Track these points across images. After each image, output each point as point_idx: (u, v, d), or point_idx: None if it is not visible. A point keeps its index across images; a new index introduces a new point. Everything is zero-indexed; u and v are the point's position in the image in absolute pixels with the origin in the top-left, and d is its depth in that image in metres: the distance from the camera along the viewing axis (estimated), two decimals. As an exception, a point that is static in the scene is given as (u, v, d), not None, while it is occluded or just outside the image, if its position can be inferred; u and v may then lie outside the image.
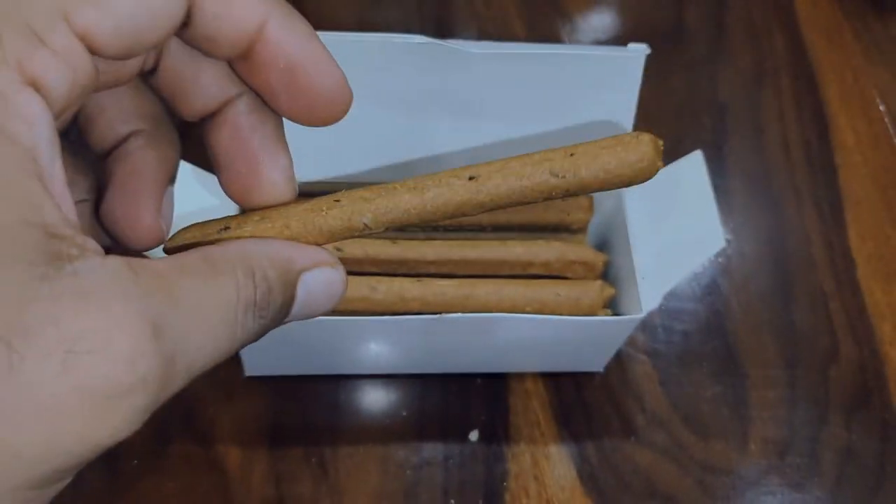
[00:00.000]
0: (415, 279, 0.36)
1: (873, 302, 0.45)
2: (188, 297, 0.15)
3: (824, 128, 0.51)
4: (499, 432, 0.39)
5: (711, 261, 0.45)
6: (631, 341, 0.42)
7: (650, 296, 0.34)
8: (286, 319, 0.18)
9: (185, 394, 0.41)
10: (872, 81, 0.53)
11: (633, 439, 0.39)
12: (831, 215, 0.48)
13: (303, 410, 0.39)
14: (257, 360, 0.38)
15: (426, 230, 0.38)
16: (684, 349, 0.42)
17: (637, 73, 0.35)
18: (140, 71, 0.18)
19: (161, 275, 0.14)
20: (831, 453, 0.40)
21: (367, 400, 0.40)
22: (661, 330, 0.43)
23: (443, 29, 0.53)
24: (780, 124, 0.51)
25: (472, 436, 0.39)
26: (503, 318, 0.34)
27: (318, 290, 0.18)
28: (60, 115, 0.15)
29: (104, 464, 0.37)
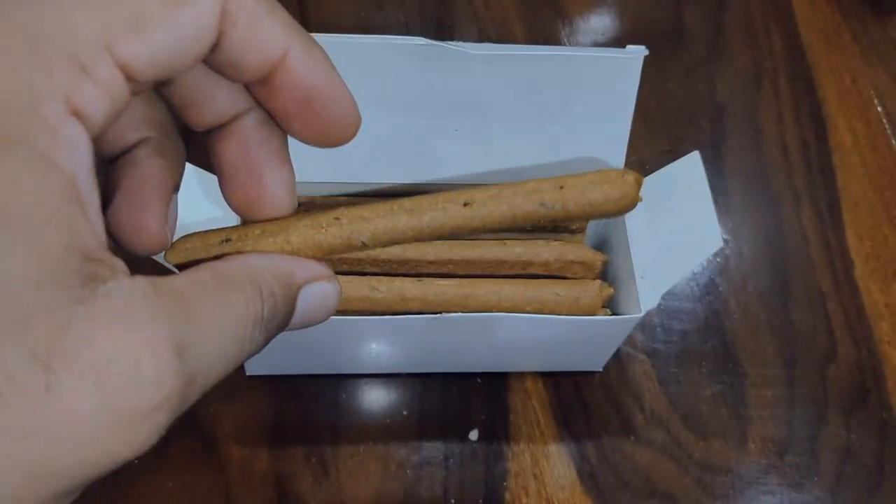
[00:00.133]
0: (415, 279, 0.36)
1: (871, 302, 0.45)
2: (204, 316, 0.15)
3: (822, 129, 0.51)
4: (499, 431, 0.39)
5: (710, 261, 0.46)
6: (630, 341, 0.42)
7: (649, 295, 0.35)
8: (284, 330, 0.19)
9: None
10: (870, 83, 0.53)
11: (632, 438, 0.40)
12: (829, 216, 0.48)
13: (303, 410, 0.39)
14: (258, 360, 0.38)
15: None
16: (683, 349, 0.42)
17: (635, 74, 0.35)
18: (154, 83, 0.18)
19: (180, 294, 0.15)
20: (830, 452, 0.40)
21: (368, 399, 0.40)
22: (660, 329, 0.43)
23: (443, 30, 0.54)
24: (779, 125, 0.51)
25: (472, 435, 0.39)
26: (503, 318, 0.34)
27: (315, 303, 0.19)
28: (97, 141, 0.15)
29: (106, 463, 0.37)
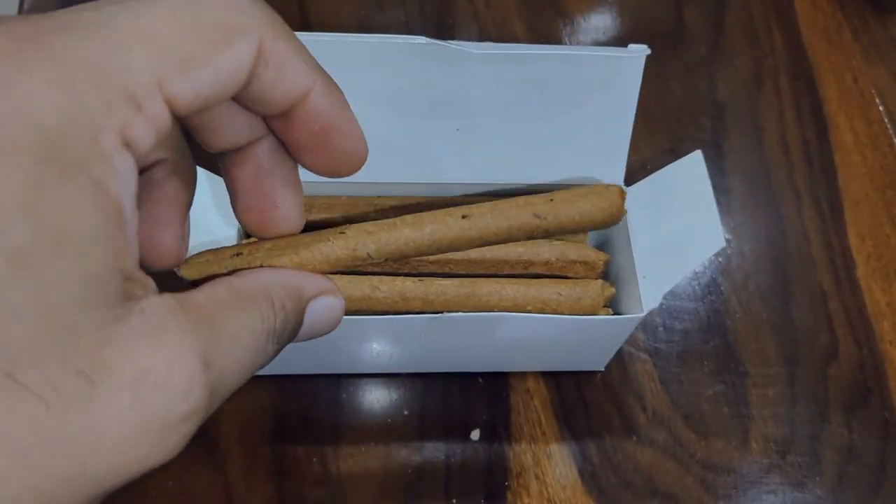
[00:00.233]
0: (416, 279, 0.36)
1: (872, 301, 0.45)
2: (226, 330, 0.17)
3: (823, 128, 0.51)
4: (500, 431, 0.39)
5: (711, 260, 0.45)
6: (632, 340, 0.42)
7: (650, 295, 0.35)
8: (291, 342, 0.20)
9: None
10: (872, 81, 0.53)
11: (634, 438, 0.40)
12: (831, 215, 0.48)
13: (304, 410, 0.39)
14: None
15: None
16: (685, 348, 0.42)
17: (637, 73, 0.35)
18: None
19: (202, 309, 0.16)
20: (832, 452, 0.40)
21: (369, 399, 0.40)
22: (661, 329, 0.43)
23: (444, 29, 0.53)
24: (780, 124, 0.51)
25: (474, 435, 0.39)
26: (504, 318, 0.34)
27: (321, 316, 0.20)
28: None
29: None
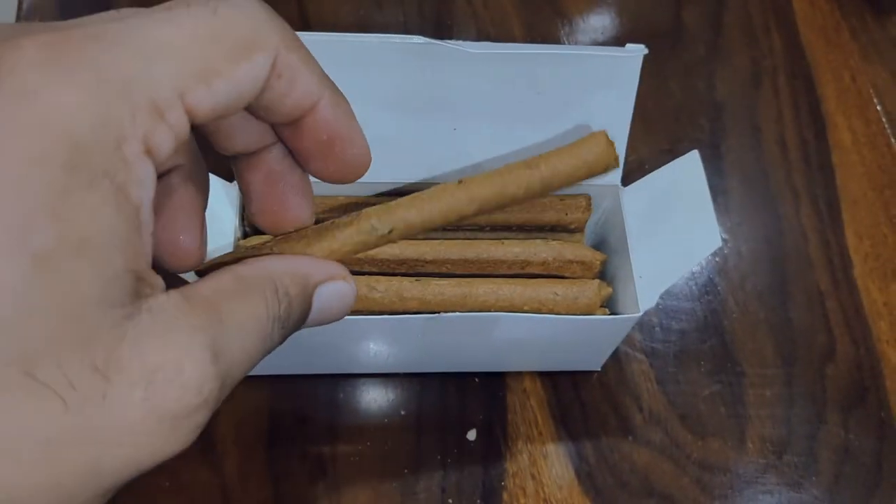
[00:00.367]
0: (413, 279, 0.36)
1: (870, 301, 0.45)
2: (232, 319, 0.17)
3: (821, 127, 0.51)
4: (497, 431, 0.39)
5: (709, 260, 0.45)
6: (628, 340, 0.42)
7: (647, 295, 0.35)
8: (301, 327, 0.20)
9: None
10: (870, 81, 0.53)
11: (630, 438, 0.40)
12: (828, 214, 0.48)
13: (301, 410, 0.39)
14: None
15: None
16: (681, 348, 0.42)
17: (635, 73, 0.35)
18: None
19: (209, 302, 0.17)
20: (829, 452, 0.40)
21: (366, 399, 0.40)
22: (658, 329, 0.43)
23: (442, 29, 0.53)
24: (778, 124, 0.51)
25: (470, 435, 0.39)
26: (501, 318, 0.34)
27: (331, 302, 0.20)
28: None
29: (103, 463, 0.37)
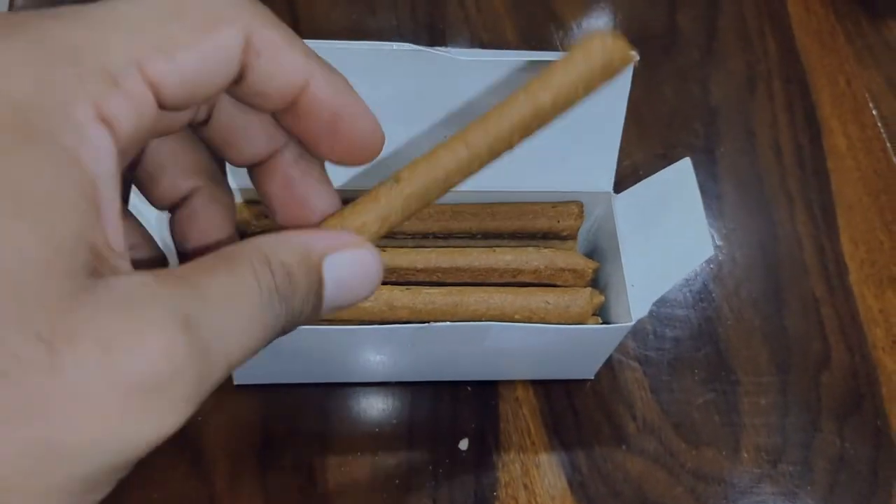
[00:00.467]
0: (404, 287, 0.36)
1: (865, 307, 0.44)
2: (213, 291, 0.15)
3: (816, 132, 0.51)
4: (489, 440, 0.39)
5: (703, 266, 0.45)
6: (622, 348, 0.42)
7: (639, 304, 0.34)
8: (326, 307, 0.18)
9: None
10: (865, 85, 0.53)
11: (623, 447, 0.39)
12: (823, 220, 0.47)
13: (292, 419, 0.39)
14: (246, 369, 0.37)
15: (415, 237, 0.38)
16: (675, 356, 0.42)
17: (626, 79, 0.35)
18: (192, 121, 0.19)
19: (184, 276, 0.16)
20: (824, 461, 0.40)
21: (357, 408, 0.40)
22: (652, 336, 0.43)
23: (435, 34, 0.53)
24: (773, 128, 0.51)
25: (462, 444, 0.39)
26: (492, 327, 0.34)
27: (348, 273, 0.19)
28: (122, 155, 0.16)
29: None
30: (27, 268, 0.13)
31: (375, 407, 0.40)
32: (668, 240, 0.35)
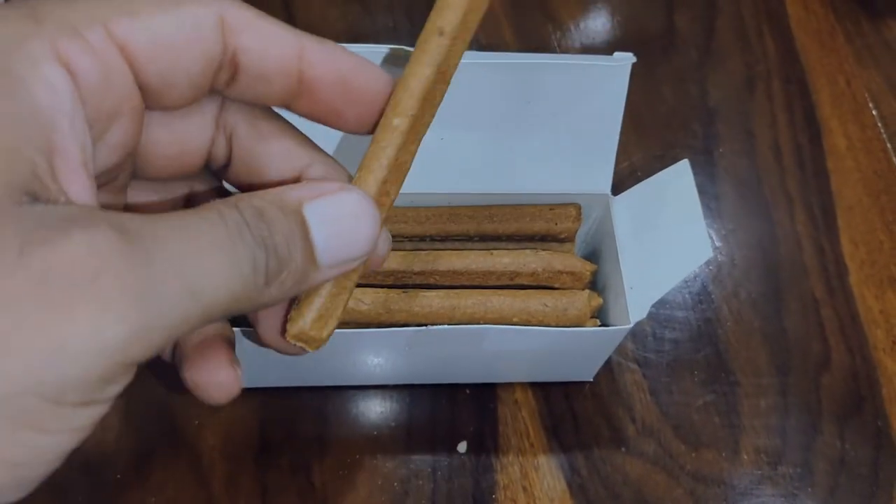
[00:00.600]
0: (400, 291, 0.36)
1: (865, 308, 0.44)
2: (169, 220, 0.15)
3: (816, 132, 0.51)
4: (487, 443, 0.39)
5: (702, 268, 0.45)
6: (621, 350, 0.42)
7: (638, 306, 0.34)
8: (326, 258, 0.17)
9: (169, 405, 0.40)
10: (865, 85, 0.53)
11: (623, 449, 0.39)
12: (823, 221, 0.47)
13: (290, 422, 0.39)
14: (244, 372, 0.37)
15: (413, 240, 0.38)
16: (675, 357, 0.42)
17: (623, 81, 0.34)
18: (212, 164, 0.19)
19: (137, 208, 0.16)
20: (824, 462, 0.40)
21: (355, 412, 0.39)
22: (651, 338, 0.42)
23: (432, 35, 0.53)
24: (772, 129, 0.51)
25: (461, 447, 0.39)
26: (489, 330, 0.33)
27: (336, 217, 0.18)
28: (95, 122, 0.16)
29: (86, 476, 0.37)
30: None
31: (373, 410, 0.39)
32: (667, 241, 0.35)
